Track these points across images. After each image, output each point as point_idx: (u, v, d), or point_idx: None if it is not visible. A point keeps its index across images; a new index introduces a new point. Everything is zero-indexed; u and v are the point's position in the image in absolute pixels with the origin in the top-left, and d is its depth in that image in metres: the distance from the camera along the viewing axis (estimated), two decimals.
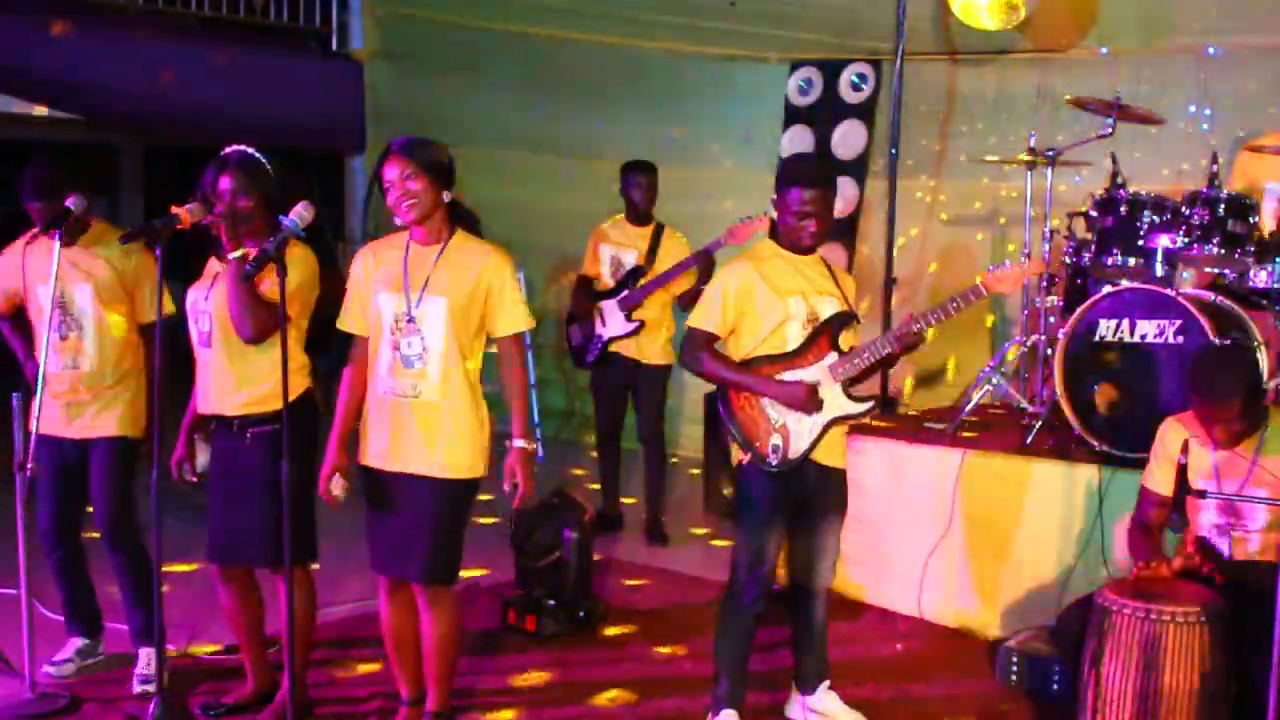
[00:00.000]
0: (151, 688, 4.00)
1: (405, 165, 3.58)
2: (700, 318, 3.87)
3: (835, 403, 3.85)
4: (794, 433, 3.83)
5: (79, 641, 4.49)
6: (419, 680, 3.89)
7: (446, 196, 3.66)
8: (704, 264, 5.97)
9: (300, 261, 3.79)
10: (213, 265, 3.96)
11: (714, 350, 3.86)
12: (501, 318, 3.68)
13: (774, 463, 3.83)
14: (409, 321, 3.62)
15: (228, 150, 3.87)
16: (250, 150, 3.88)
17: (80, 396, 4.32)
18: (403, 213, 3.61)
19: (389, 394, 3.67)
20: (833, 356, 3.85)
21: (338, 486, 3.73)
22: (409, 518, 3.67)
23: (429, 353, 3.62)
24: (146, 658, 4.30)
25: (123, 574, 4.38)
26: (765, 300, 3.80)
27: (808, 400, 3.79)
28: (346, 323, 3.79)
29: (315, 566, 4.04)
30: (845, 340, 3.91)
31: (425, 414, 3.63)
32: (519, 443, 3.67)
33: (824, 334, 3.85)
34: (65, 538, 4.43)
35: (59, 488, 4.39)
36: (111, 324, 4.32)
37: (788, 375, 3.82)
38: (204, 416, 3.99)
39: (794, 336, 3.83)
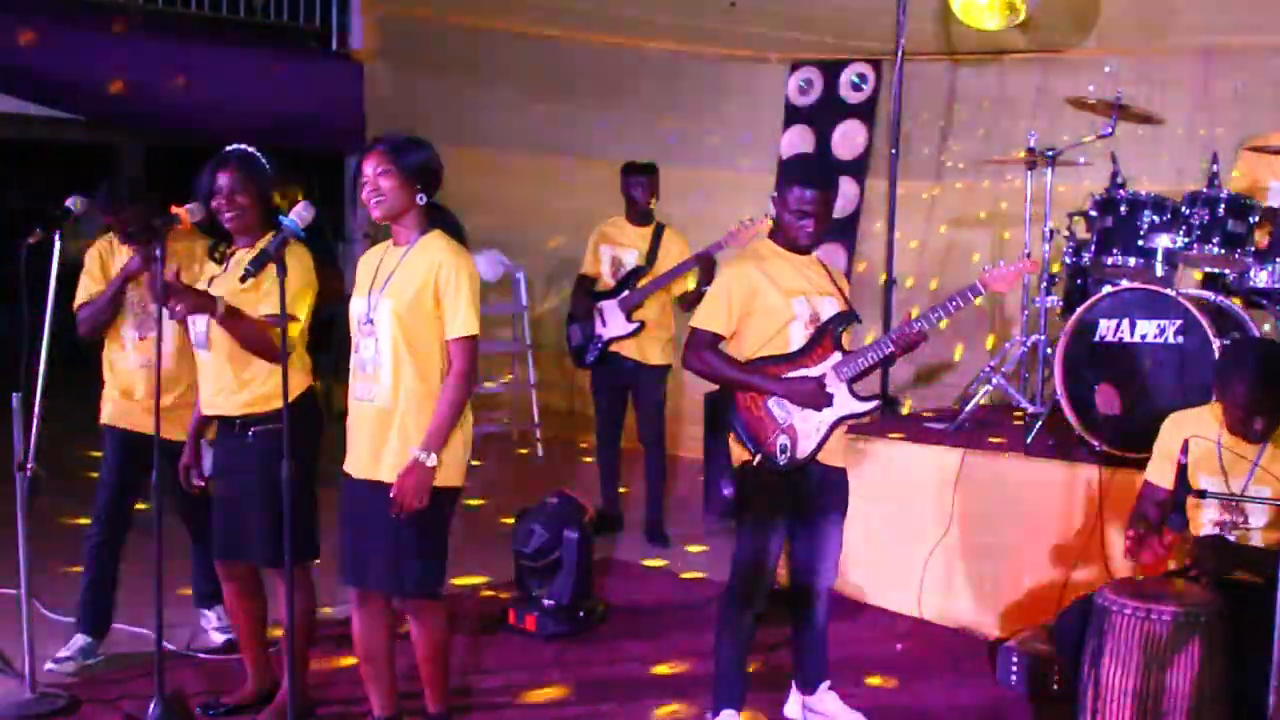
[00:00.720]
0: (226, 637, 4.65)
1: (380, 162, 3.51)
2: (705, 318, 3.85)
3: (842, 401, 3.86)
4: (801, 432, 3.82)
5: (83, 639, 4.49)
6: (391, 698, 3.79)
7: (422, 199, 3.56)
8: (705, 265, 5.96)
9: (296, 261, 3.76)
10: (209, 268, 3.96)
11: (719, 350, 3.84)
12: (446, 320, 3.52)
13: (782, 462, 3.82)
14: (368, 323, 3.57)
15: (228, 149, 3.88)
16: (249, 149, 3.88)
17: (160, 396, 4.32)
18: (371, 209, 3.56)
19: (354, 398, 3.63)
20: (837, 356, 3.86)
21: None
22: (377, 527, 3.55)
23: (381, 355, 3.53)
24: (216, 614, 4.79)
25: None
26: (771, 301, 3.80)
27: (818, 395, 3.79)
28: None
29: (317, 561, 4.03)
30: (844, 340, 3.92)
31: (381, 419, 3.54)
32: (419, 454, 3.46)
33: (828, 334, 3.85)
34: (111, 528, 4.49)
35: (120, 480, 4.50)
36: (183, 331, 4.30)
37: (794, 375, 3.82)
38: (207, 418, 3.99)
39: (797, 337, 3.83)
